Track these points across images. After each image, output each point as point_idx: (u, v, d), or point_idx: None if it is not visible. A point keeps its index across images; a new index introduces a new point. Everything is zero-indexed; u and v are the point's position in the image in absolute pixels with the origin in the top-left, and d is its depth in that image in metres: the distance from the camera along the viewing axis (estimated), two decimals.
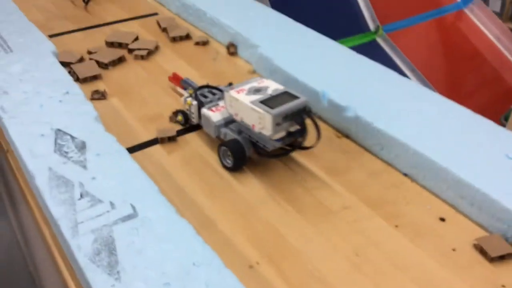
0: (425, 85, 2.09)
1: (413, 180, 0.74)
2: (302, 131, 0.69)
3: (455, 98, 0.84)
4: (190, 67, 1.04)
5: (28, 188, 0.70)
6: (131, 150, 0.78)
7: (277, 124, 0.67)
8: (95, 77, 0.97)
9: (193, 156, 0.79)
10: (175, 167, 0.76)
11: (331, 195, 0.71)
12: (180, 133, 0.83)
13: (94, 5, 1.32)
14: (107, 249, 0.55)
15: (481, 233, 0.66)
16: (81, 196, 0.62)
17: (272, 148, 0.70)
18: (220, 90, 0.81)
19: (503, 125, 0.78)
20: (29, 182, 0.69)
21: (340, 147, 0.81)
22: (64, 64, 0.96)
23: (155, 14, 1.28)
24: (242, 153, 0.72)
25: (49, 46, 0.98)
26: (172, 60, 1.06)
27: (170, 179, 0.73)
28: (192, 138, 0.83)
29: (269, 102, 0.68)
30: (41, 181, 0.64)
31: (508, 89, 2.57)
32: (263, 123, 0.67)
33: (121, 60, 1.04)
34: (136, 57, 1.06)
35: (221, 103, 0.79)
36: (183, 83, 0.89)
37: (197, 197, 0.70)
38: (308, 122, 0.70)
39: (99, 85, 0.96)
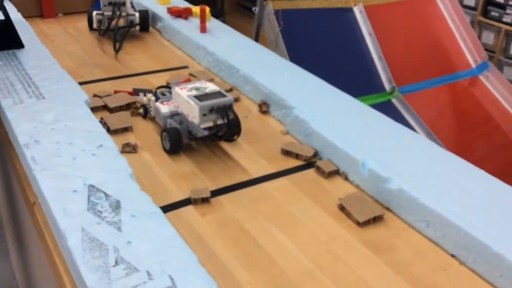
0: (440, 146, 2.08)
1: (461, 262, 0.70)
2: (229, 125, 0.86)
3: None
4: None
5: (57, 248, 0.65)
6: (164, 209, 0.74)
7: (203, 115, 0.84)
8: (126, 129, 0.96)
9: (228, 220, 0.75)
10: (209, 232, 0.72)
11: (376, 275, 0.67)
12: (213, 194, 0.80)
13: (124, 55, 1.32)
14: None
15: None
16: (116, 262, 0.58)
17: (201, 135, 0.86)
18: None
19: None
20: (58, 242, 0.65)
21: (383, 221, 0.77)
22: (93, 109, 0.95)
23: (185, 67, 1.27)
24: (179, 139, 0.88)
25: (82, 95, 0.96)
26: None
27: (205, 246, 0.69)
28: (226, 200, 0.80)
29: (201, 97, 0.85)
30: (74, 242, 0.61)
31: None
32: (193, 113, 0.84)
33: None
34: None
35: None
36: (135, 90, 1.09)
37: (235, 268, 0.66)
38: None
39: (130, 137, 0.93)
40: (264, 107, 1.07)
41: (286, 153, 0.93)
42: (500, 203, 0.75)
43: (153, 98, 0.96)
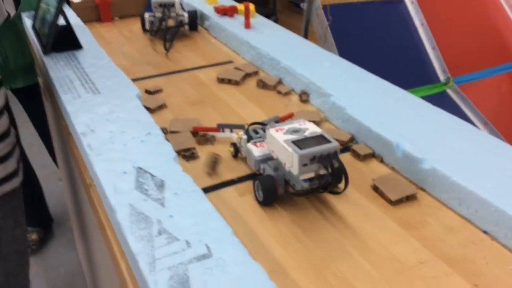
0: (498, 138, 2.02)
1: (493, 238, 0.71)
2: (334, 175, 0.72)
3: None
4: (262, 112, 1.07)
5: (108, 222, 0.73)
6: (205, 190, 0.80)
7: (304, 165, 0.70)
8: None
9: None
10: (247, 210, 0.77)
11: (407, 249, 0.69)
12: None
13: (175, 53, 1.40)
14: (182, 287, 0.56)
15: None
16: (159, 233, 0.64)
17: (299, 188, 0.73)
18: None
19: None
20: (110, 217, 0.73)
21: (416, 200, 0.79)
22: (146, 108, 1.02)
23: (230, 62, 1.33)
24: (272, 189, 0.76)
25: (134, 89, 1.04)
26: (244, 103, 1.10)
27: (242, 222, 0.75)
28: None
29: (301, 143, 0.72)
30: (122, 216, 0.68)
31: None
32: (291, 162, 0.71)
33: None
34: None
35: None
36: (221, 127, 0.97)
37: (268, 242, 0.71)
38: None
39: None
40: (304, 97, 1.11)
41: None
42: None
43: (244, 136, 0.86)
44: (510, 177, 0.75)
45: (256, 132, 0.87)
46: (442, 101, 2.46)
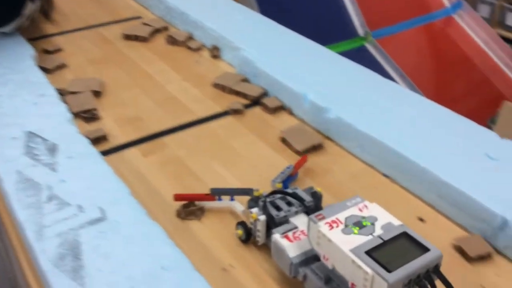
0: (414, 90, 2.09)
1: (393, 181, 0.73)
2: None
3: (444, 103, 0.83)
4: (172, 70, 1.02)
5: None
6: (106, 153, 0.76)
7: None
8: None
9: (171, 159, 0.77)
10: (151, 170, 0.74)
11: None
12: (157, 136, 0.82)
13: (78, 9, 1.30)
14: (72, 253, 0.53)
15: (460, 233, 0.64)
16: (49, 199, 0.60)
17: None
18: (299, 199, 0.59)
19: (490, 129, 0.76)
20: None
21: (323, 149, 0.80)
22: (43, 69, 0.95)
23: (139, 17, 1.26)
24: None
25: (27, 49, 0.96)
26: (152, 61, 1.05)
27: (145, 182, 0.72)
28: (169, 140, 0.81)
29: (381, 254, 0.45)
30: (9, 184, 0.62)
31: (497, 93, 2.58)
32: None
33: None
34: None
35: (299, 222, 0.56)
36: (216, 192, 0.65)
37: (173, 201, 0.69)
38: None
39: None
40: (215, 52, 1.08)
41: (236, 93, 0.94)
42: (431, 124, 0.77)
43: (262, 217, 0.57)
44: (411, 124, 0.77)
45: (277, 207, 0.58)
46: (361, 55, 2.50)
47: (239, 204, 0.64)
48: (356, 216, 0.49)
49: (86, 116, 0.85)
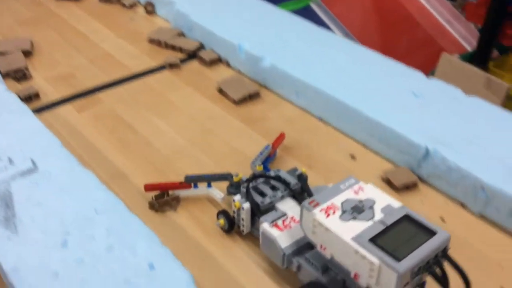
0: None
1: (327, 123, 0.75)
2: (441, 283, 0.42)
3: None
4: (106, 28, 1.00)
5: None
6: (38, 110, 0.75)
7: (403, 284, 0.40)
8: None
9: (105, 113, 0.76)
10: (86, 125, 0.74)
11: (248, 143, 0.71)
12: (92, 91, 0.81)
13: None
14: (4, 203, 0.53)
15: (389, 166, 0.68)
16: None
17: None
18: (284, 183, 0.55)
19: None
20: None
21: (260, 98, 0.81)
22: None
23: None
24: None
25: None
26: (85, 20, 1.02)
27: (79, 136, 0.71)
28: (104, 95, 0.80)
29: (386, 241, 0.41)
30: None
31: (439, 50, 2.66)
32: (378, 279, 0.40)
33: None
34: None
35: (287, 208, 0.53)
36: (191, 179, 0.60)
37: (108, 152, 0.68)
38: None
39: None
40: (149, 7, 1.06)
41: (172, 47, 0.94)
42: (362, 67, 0.79)
43: (246, 205, 0.53)
44: (341, 68, 0.79)
45: (260, 193, 0.55)
46: (306, 15, 2.52)
47: (218, 191, 0.59)
48: (352, 201, 0.45)
49: (17, 75, 0.82)
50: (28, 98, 0.76)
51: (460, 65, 1.88)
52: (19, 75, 0.82)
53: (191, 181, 0.59)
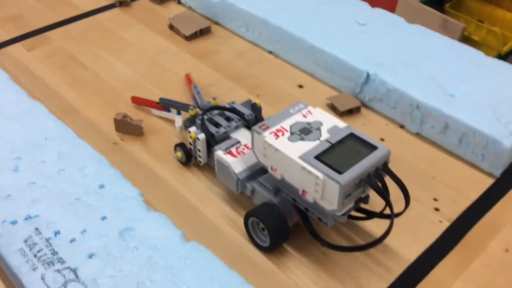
0: None
1: (276, 56, 0.77)
2: (383, 196, 0.45)
3: None
4: None
5: None
6: None
7: (346, 196, 0.43)
8: None
9: (55, 51, 0.76)
10: (36, 63, 0.74)
11: (200, 75, 0.72)
12: (42, 31, 0.80)
13: None
14: None
15: (334, 93, 0.70)
16: None
17: (333, 224, 0.47)
18: (239, 114, 0.57)
19: None
20: None
21: (211, 33, 0.82)
22: None
23: None
24: (282, 226, 0.48)
25: None
26: None
27: (29, 73, 0.71)
28: (54, 34, 0.80)
29: (331, 157, 0.44)
30: None
31: None
32: (322, 192, 0.43)
33: None
34: None
35: (240, 137, 0.54)
36: (164, 102, 0.63)
37: (58, 86, 0.69)
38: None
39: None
40: None
41: None
42: None
43: (201, 136, 0.54)
44: (290, 0, 0.80)
45: (215, 124, 0.56)
46: None
47: (179, 120, 0.61)
48: (301, 123, 0.48)
49: None
50: None
51: (417, 6, 1.90)
52: None
53: (165, 104, 0.62)
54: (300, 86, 0.72)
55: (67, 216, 0.46)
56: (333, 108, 0.68)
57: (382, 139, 0.64)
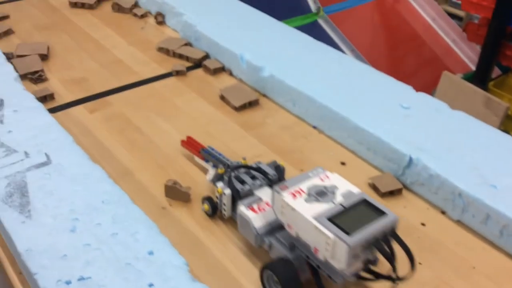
0: (363, 62, 2.18)
1: (320, 131, 0.81)
2: (389, 260, 0.48)
3: (395, 78, 0.88)
4: (118, 35, 1.06)
5: None
6: (53, 110, 0.80)
7: (353, 256, 0.46)
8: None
9: (115, 115, 0.82)
10: (96, 125, 0.79)
11: (245, 146, 0.76)
12: (103, 95, 0.86)
13: None
14: (19, 192, 0.58)
15: (376, 173, 0.72)
16: None
17: (341, 283, 0.50)
18: (263, 173, 0.61)
19: None
20: None
21: (259, 105, 0.86)
22: None
23: None
24: (294, 280, 0.51)
25: None
26: (98, 27, 1.08)
27: (90, 135, 0.76)
28: (114, 99, 0.86)
29: (342, 220, 0.47)
30: None
31: (445, 69, 2.70)
32: (332, 252, 0.47)
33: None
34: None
35: (263, 195, 0.58)
36: (205, 154, 0.69)
37: (116, 150, 0.74)
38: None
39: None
40: (159, 18, 1.12)
41: (179, 56, 0.99)
42: (353, 79, 0.85)
43: (227, 191, 0.59)
44: (333, 78, 0.84)
45: (241, 181, 0.60)
46: (314, 30, 2.57)
47: (212, 172, 0.64)
48: (318, 186, 0.51)
49: (33, 77, 0.88)
50: (44, 99, 0.82)
51: (460, 84, 1.92)
52: (36, 77, 0.88)
53: (204, 155, 0.69)
54: (343, 163, 0.74)
55: (117, 280, 0.49)
56: (374, 188, 0.70)
57: (422, 224, 0.65)
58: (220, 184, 0.60)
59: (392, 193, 0.69)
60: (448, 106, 0.78)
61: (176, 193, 0.65)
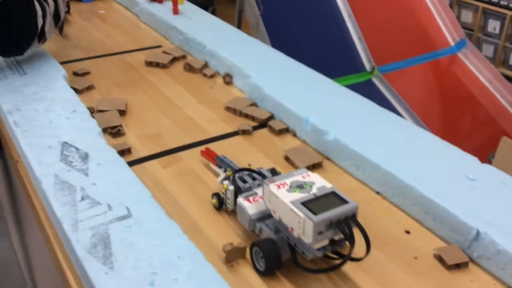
0: (420, 125, 2.17)
1: (383, 197, 0.82)
2: (349, 240, 0.61)
3: (450, 139, 0.89)
4: (189, 94, 1.13)
5: (35, 192, 0.77)
6: (130, 164, 0.86)
7: (319, 233, 0.59)
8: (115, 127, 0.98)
9: (185, 171, 0.87)
10: (169, 179, 0.84)
11: None
12: (174, 151, 0.92)
13: (104, 37, 1.43)
14: (103, 243, 0.62)
15: (441, 244, 0.72)
16: (82, 198, 0.69)
17: (311, 257, 0.63)
18: (262, 176, 0.75)
19: (490, 163, 0.85)
20: (36, 187, 0.77)
21: (322, 168, 0.89)
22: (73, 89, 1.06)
23: (159, 46, 1.38)
24: (276, 256, 0.64)
25: (60, 70, 1.07)
26: (171, 86, 1.16)
27: (163, 189, 0.81)
28: (186, 155, 0.91)
29: (313, 204, 0.61)
30: (47, 185, 0.72)
31: (501, 131, 2.65)
32: (303, 229, 0.60)
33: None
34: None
35: (259, 191, 0.72)
36: (218, 161, 0.84)
37: (186, 205, 0.78)
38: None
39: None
40: (227, 78, 1.19)
41: (245, 116, 1.05)
42: (418, 147, 0.86)
43: (231, 187, 0.73)
44: (396, 144, 0.86)
45: (244, 181, 0.75)
46: (368, 89, 2.61)
47: (222, 175, 0.80)
48: (299, 181, 0.66)
49: (113, 131, 0.95)
50: (121, 152, 0.88)
51: None
52: (115, 132, 0.95)
53: (218, 162, 0.84)
54: (407, 232, 0.75)
55: None
56: (440, 260, 0.69)
57: None
58: (225, 182, 0.75)
59: (459, 266, 0.69)
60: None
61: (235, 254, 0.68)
